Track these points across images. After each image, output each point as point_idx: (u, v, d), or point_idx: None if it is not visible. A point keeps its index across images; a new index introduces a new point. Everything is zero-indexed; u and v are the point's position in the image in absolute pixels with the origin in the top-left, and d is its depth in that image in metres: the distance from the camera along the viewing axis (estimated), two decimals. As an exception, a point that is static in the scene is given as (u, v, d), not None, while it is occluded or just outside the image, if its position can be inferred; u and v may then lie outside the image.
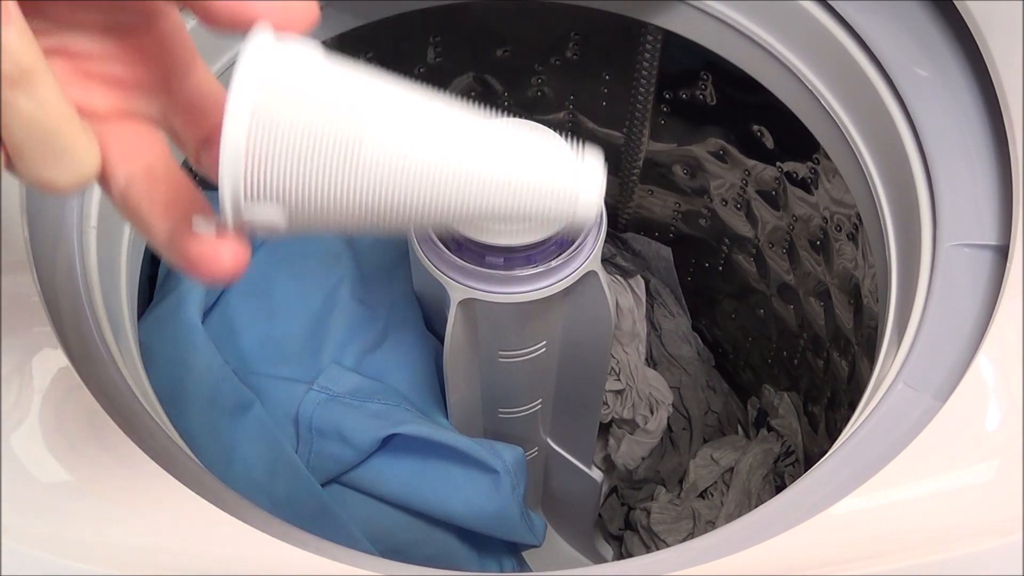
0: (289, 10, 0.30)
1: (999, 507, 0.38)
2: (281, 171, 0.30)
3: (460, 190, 0.32)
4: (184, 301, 0.62)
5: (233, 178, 0.29)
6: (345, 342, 0.68)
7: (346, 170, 0.30)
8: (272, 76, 0.29)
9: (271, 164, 0.30)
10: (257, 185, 0.30)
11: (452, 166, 0.31)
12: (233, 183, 0.29)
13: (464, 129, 0.32)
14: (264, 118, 0.29)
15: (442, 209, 0.32)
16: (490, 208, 0.32)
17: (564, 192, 0.33)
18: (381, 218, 0.32)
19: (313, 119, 0.30)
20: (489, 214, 0.32)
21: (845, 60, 0.57)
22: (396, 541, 0.65)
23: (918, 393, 0.44)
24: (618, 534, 0.98)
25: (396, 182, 0.31)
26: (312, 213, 0.31)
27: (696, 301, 1.01)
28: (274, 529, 0.39)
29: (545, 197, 0.33)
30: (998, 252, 0.47)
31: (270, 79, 0.29)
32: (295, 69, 0.30)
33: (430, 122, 0.32)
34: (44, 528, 0.37)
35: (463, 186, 0.32)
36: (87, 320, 0.48)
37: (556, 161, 0.33)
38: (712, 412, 1.01)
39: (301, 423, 0.63)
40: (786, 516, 0.40)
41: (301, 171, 0.30)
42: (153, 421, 0.45)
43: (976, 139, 0.51)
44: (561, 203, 0.33)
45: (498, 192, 0.32)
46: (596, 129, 0.85)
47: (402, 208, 0.32)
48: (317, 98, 0.30)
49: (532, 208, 0.33)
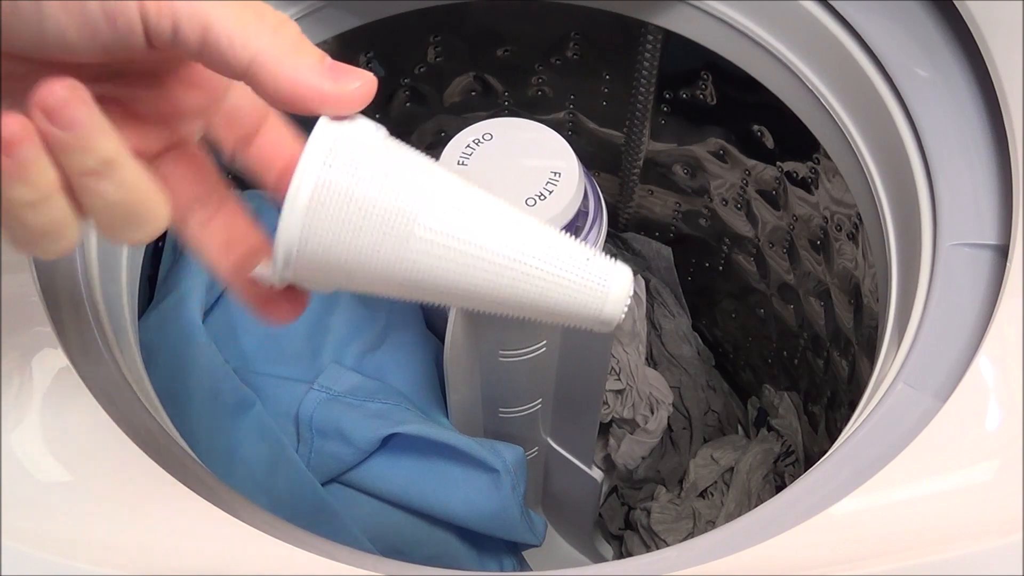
0: (344, 97, 0.31)
1: (999, 507, 0.38)
2: (334, 242, 0.32)
3: (500, 278, 0.33)
4: (184, 300, 0.62)
5: (287, 247, 0.32)
6: (345, 341, 0.68)
7: (395, 247, 0.32)
8: (338, 154, 0.31)
9: (325, 235, 0.31)
10: (310, 254, 0.32)
11: (498, 255, 0.33)
12: (286, 252, 0.32)
13: (511, 221, 0.34)
14: (325, 193, 0.31)
15: (480, 293, 0.34)
16: (524, 297, 0.34)
17: (595, 290, 0.34)
18: (422, 294, 0.34)
19: (371, 196, 0.31)
20: (522, 303, 0.34)
21: (845, 60, 0.57)
22: (396, 541, 0.65)
23: (918, 393, 0.44)
24: (618, 534, 0.98)
25: (442, 264, 0.33)
26: (357, 282, 0.33)
27: (696, 301, 1.00)
28: (274, 529, 0.39)
29: (577, 292, 0.34)
30: (998, 252, 0.47)
31: (335, 157, 0.31)
32: (359, 149, 0.32)
33: (480, 209, 0.33)
34: (44, 528, 0.37)
35: (504, 275, 0.33)
36: (87, 320, 0.48)
37: (590, 259, 0.35)
38: (712, 412, 1.01)
39: (301, 422, 0.63)
40: (786, 516, 0.40)
41: (353, 244, 0.32)
42: (153, 421, 0.45)
43: (976, 139, 0.51)
44: (591, 299, 0.34)
45: (535, 283, 0.34)
46: (596, 129, 0.85)
47: (443, 288, 0.33)
48: (377, 177, 0.32)
49: (562, 301, 0.34)
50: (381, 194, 0.32)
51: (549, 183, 0.53)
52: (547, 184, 0.53)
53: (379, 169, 0.32)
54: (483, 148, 0.55)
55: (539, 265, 0.34)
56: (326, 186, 0.31)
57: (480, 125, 0.56)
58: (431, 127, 0.81)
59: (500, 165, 0.54)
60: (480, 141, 0.55)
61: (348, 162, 0.31)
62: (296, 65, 0.30)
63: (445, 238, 0.32)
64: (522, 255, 0.33)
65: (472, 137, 0.55)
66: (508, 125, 0.56)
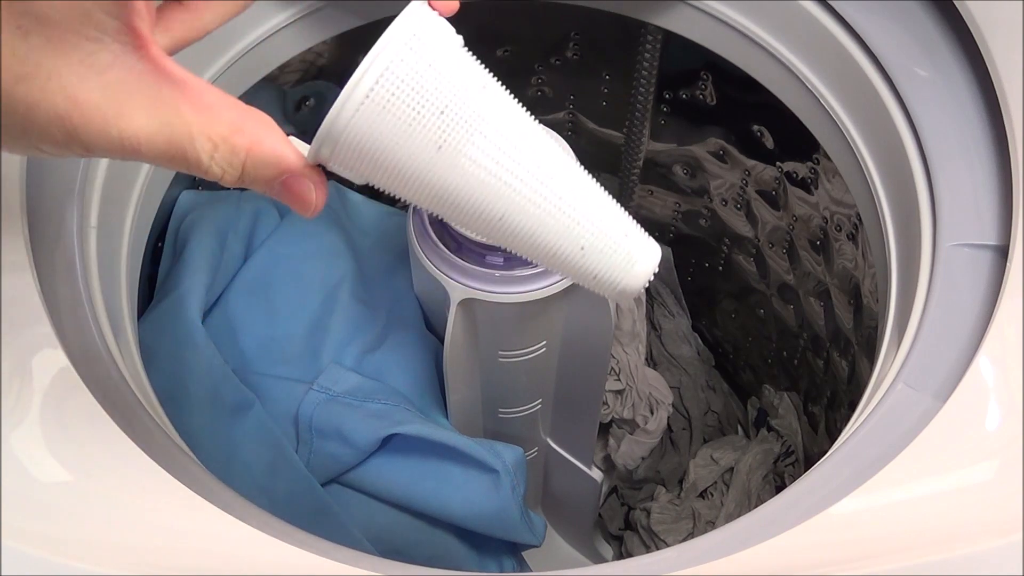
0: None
1: (999, 507, 0.38)
2: (393, 124, 0.31)
3: (539, 212, 0.33)
4: (184, 301, 0.62)
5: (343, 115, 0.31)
6: (345, 342, 0.68)
7: (451, 151, 0.32)
8: (422, 40, 0.32)
9: (388, 112, 0.31)
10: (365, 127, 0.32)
11: (545, 190, 0.33)
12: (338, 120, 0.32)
13: (565, 165, 0.34)
14: (395, 76, 0.31)
15: (513, 222, 0.34)
16: (554, 239, 0.34)
17: (625, 255, 0.34)
18: (454, 209, 0.34)
19: (442, 92, 0.32)
20: (549, 245, 0.34)
21: (845, 60, 0.57)
22: (396, 541, 0.65)
23: (918, 393, 0.44)
24: (618, 534, 0.98)
25: (488, 184, 0.33)
26: (395, 176, 0.33)
27: (696, 301, 1.00)
28: (274, 529, 0.39)
29: (606, 252, 0.34)
30: (998, 252, 0.47)
31: (419, 41, 0.32)
32: (441, 43, 0.33)
33: (540, 144, 0.33)
34: (44, 528, 0.37)
35: (543, 211, 0.33)
36: (87, 320, 0.48)
37: (628, 227, 0.35)
38: (712, 412, 1.01)
39: (301, 423, 0.63)
40: (786, 516, 0.40)
41: (410, 133, 0.32)
42: (153, 421, 0.45)
43: (976, 139, 0.51)
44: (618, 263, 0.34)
45: (570, 227, 0.34)
46: (596, 129, 0.85)
47: (479, 208, 0.33)
48: (450, 77, 0.32)
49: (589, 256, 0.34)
50: (452, 94, 0.32)
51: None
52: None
53: (454, 71, 0.32)
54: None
55: (579, 211, 0.33)
56: (401, 65, 0.31)
57: (480, 125, 0.56)
58: (431, 127, 0.81)
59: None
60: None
61: (429, 50, 0.32)
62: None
63: (500, 156, 0.32)
64: (566, 197, 0.33)
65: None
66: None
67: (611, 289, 0.35)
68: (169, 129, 0.30)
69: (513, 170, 0.33)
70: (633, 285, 0.35)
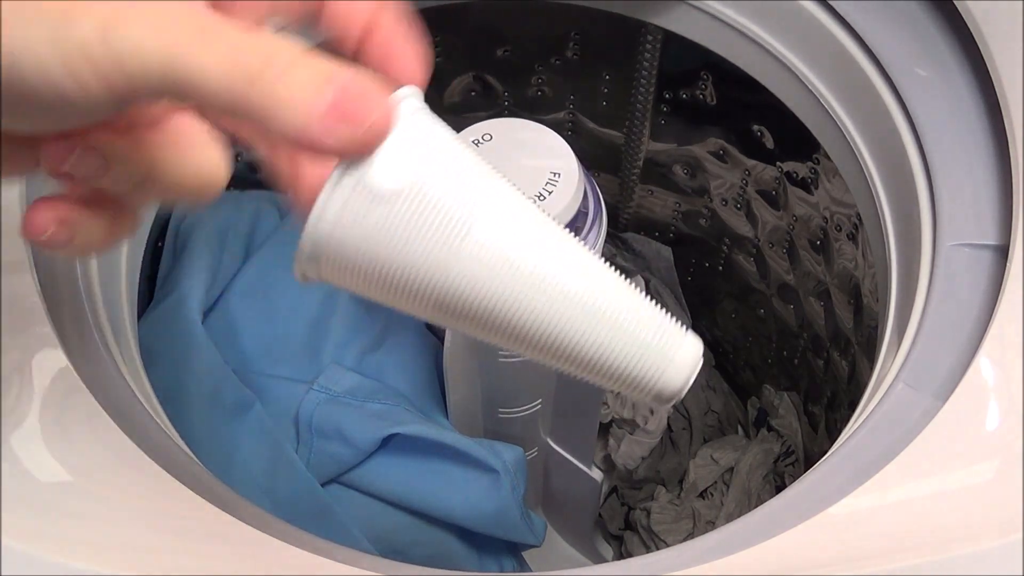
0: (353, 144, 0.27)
1: (999, 507, 0.38)
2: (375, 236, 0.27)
3: (551, 310, 0.28)
4: (184, 301, 0.62)
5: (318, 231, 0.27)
6: (345, 342, 0.68)
7: (446, 254, 0.27)
8: (403, 136, 0.27)
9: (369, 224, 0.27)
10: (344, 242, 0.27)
11: (555, 281, 0.28)
12: (315, 239, 0.27)
13: (576, 252, 0.29)
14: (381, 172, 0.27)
15: (527, 327, 0.29)
16: (575, 341, 0.29)
17: (658, 351, 0.29)
18: (457, 318, 0.29)
19: (426, 194, 0.27)
20: (571, 348, 0.29)
21: (845, 60, 0.57)
22: (396, 541, 0.65)
23: (918, 393, 0.44)
24: (618, 534, 0.98)
25: (490, 284, 0.28)
26: (386, 287, 0.29)
27: (696, 301, 1.00)
28: (274, 529, 0.39)
29: (635, 350, 0.29)
30: (998, 252, 0.47)
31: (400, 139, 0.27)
32: (426, 137, 0.28)
33: (543, 233, 0.29)
34: (44, 528, 0.37)
35: (555, 308, 0.28)
36: (87, 320, 0.48)
37: (660, 318, 0.30)
38: (712, 412, 1.01)
39: (301, 423, 0.63)
40: (786, 516, 0.40)
41: (398, 242, 0.27)
42: (153, 421, 0.45)
43: (976, 139, 0.51)
44: (651, 363, 0.29)
45: (592, 325, 0.29)
46: (596, 129, 0.85)
47: (482, 312, 0.29)
48: (437, 174, 0.27)
49: (615, 356, 0.29)
50: (444, 187, 0.27)
51: (549, 183, 0.53)
52: (547, 184, 0.53)
53: (448, 160, 0.28)
54: (483, 148, 0.55)
55: (598, 305, 0.29)
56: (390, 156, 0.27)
57: (480, 125, 0.56)
58: (431, 127, 0.81)
59: (500, 165, 0.54)
60: (480, 141, 0.55)
61: (419, 141, 0.27)
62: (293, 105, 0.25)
63: (501, 248, 0.28)
64: (580, 289, 0.29)
65: (472, 137, 0.55)
66: (508, 125, 0.56)
67: (645, 390, 0.30)
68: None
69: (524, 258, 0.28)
70: (670, 387, 0.30)
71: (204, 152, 0.29)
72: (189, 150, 0.29)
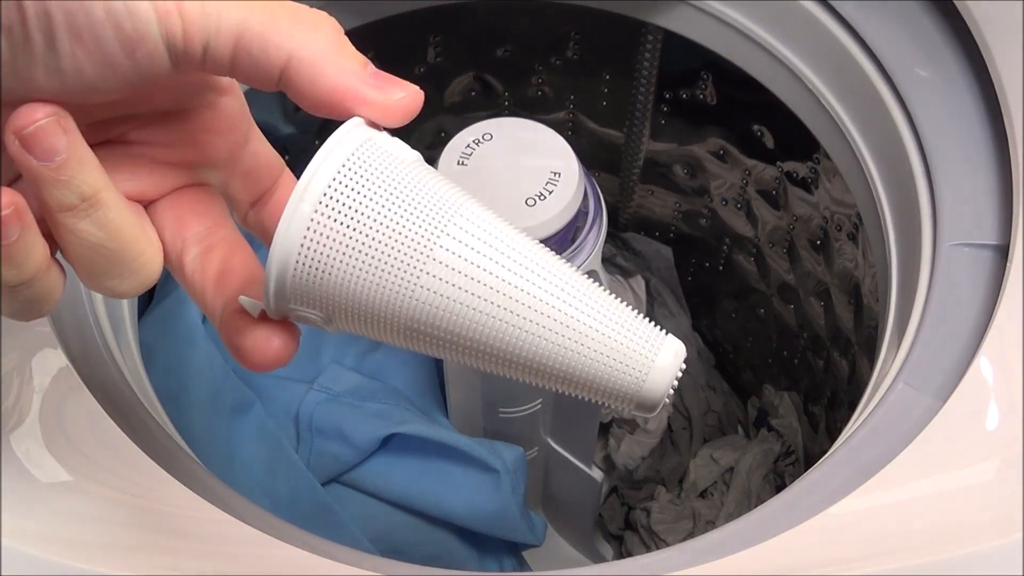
0: (389, 107, 0.29)
1: (999, 507, 0.38)
2: (334, 273, 0.27)
3: (524, 324, 0.28)
4: (184, 301, 0.62)
5: (281, 269, 0.27)
6: (345, 342, 0.68)
7: (409, 276, 0.27)
8: (352, 168, 0.27)
9: (326, 262, 0.27)
10: (306, 280, 0.28)
11: (524, 296, 0.28)
12: (281, 270, 0.27)
13: (545, 262, 0.29)
14: (332, 211, 0.27)
15: (495, 340, 0.28)
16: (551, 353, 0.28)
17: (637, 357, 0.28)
18: (428, 340, 0.29)
19: (382, 224, 0.27)
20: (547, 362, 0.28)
21: (845, 60, 0.57)
22: (396, 541, 0.65)
23: (918, 393, 0.44)
24: (618, 534, 0.98)
25: (458, 302, 0.28)
26: (358, 320, 0.29)
27: (696, 301, 1.00)
28: (274, 529, 0.39)
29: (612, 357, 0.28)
30: (998, 252, 0.47)
31: (348, 172, 0.27)
32: (385, 160, 0.28)
33: (509, 246, 0.28)
34: (44, 528, 0.37)
35: (527, 322, 0.28)
36: (87, 320, 0.48)
37: (634, 321, 0.29)
38: (712, 412, 1.01)
39: (301, 423, 0.63)
40: (786, 516, 0.40)
41: (357, 274, 0.27)
42: (153, 421, 0.45)
43: (976, 139, 0.51)
44: (629, 369, 0.28)
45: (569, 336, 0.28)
46: (596, 129, 0.85)
47: (454, 332, 0.28)
48: (392, 202, 0.27)
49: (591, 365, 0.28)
50: (401, 215, 0.27)
51: (549, 183, 0.53)
52: (547, 184, 0.53)
53: (402, 186, 0.28)
54: (483, 148, 0.55)
55: (570, 313, 0.28)
56: (339, 196, 0.27)
57: (480, 125, 0.56)
58: (431, 127, 0.81)
59: (500, 165, 0.54)
60: (480, 141, 0.55)
61: (369, 172, 0.27)
62: (337, 67, 0.28)
63: (464, 270, 0.27)
64: (551, 300, 0.28)
65: (472, 137, 0.55)
66: (508, 125, 0.56)
67: (625, 398, 0.29)
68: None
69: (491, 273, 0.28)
70: (651, 397, 0.29)
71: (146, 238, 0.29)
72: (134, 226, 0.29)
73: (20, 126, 0.25)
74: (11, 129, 0.25)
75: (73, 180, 0.26)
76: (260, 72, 0.27)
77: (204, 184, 0.32)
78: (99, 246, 0.27)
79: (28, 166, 0.26)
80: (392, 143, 0.29)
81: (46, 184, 0.26)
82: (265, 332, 0.30)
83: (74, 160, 0.26)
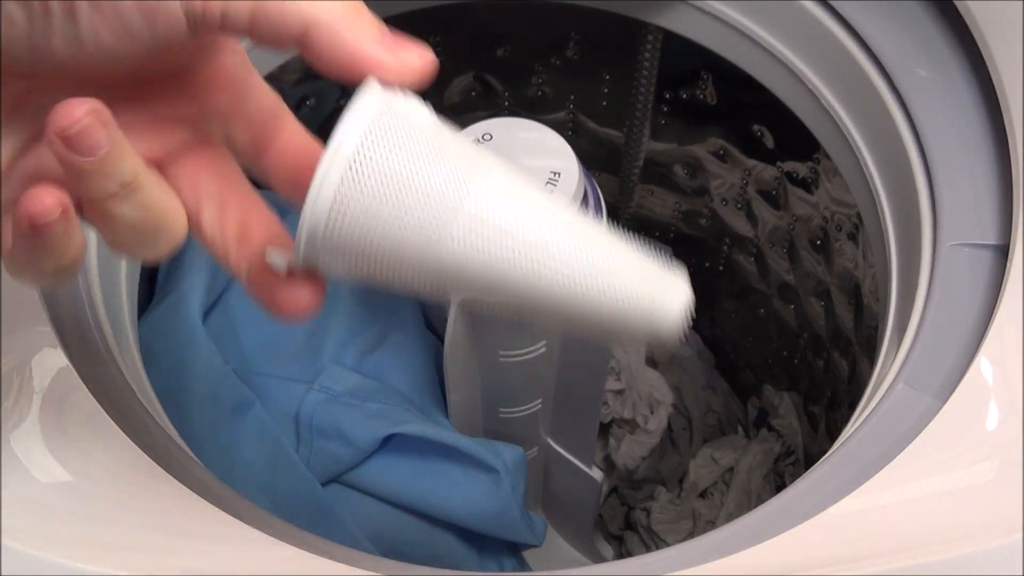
0: (405, 71, 0.29)
1: (999, 507, 0.38)
2: (365, 228, 0.29)
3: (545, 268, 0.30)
4: (184, 301, 0.62)
5: (315, 220, 0.28)
6: (345, 342, 0.68)
7: (438, 230, 0.29)
8: (385, 122, 0.29)
9: (357, 218, 0.28)
10: (338, 235, 0.29)
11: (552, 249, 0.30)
12: (313, 226, 0.28)
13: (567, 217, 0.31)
14: (362, 170, 0.28)
15: (521, 284, 0.30)
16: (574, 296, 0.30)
17: (653, 297, 0.31)
18: (455, 286, 0.30)
19: (411, 180, 0.28)
20: (570, 305, 0.30)
21: (845, 60, 0.57)
22: (396, 541, 0.65)
23: (918, 393, 0.44)
24: (618, 534, 0.98)
25: (485, 259, 0.29)
26: (386, 268, 0.30)
27: (696, 301, 1.00)
28: (274, 529, 0.39)
29: (634, 297, 0.30)
30: (998, 252, 0.47)
31: (376, 132, 0.28)
32: (408, 120, 0.29)
33: (532, 202, 0.30)
34: (44, 528, 0.37)
35: (550, 265, 0.30)
36: (87, 320, 0.48)
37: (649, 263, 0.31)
38: (712, 412, 1.01)
39: (301, 423, 0.63)
40: (786, 516, 0.40)
41: (387, 231, 0.29)
42: (153, 421, 0.45)
43: (976, 139, 0.51)
44: (649, 299, 0.31)
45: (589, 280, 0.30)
46: (596, 129, 0.85)
47: (481, 279, 0.30)
48: (419, 158, 0.29)
49: (619, 305, 0.30)
50: (428, 170, 0.29)
51: (549, 183, 0.53)
52: (547, 184, 0.53)
53: (428, 144, 0.29)
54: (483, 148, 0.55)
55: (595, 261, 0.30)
56: (369, 154, 0.28)
57: (480, 125, 0.56)
58: (431, 127, 0.81)
59: (500, 165, 0.54)
60: (480, 141, 0.55)
61: (396, 131, 0.29)
62: (355, 31, 0.28)
63: (493, 222, 0.29)
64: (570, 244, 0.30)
65: (472, 137, 0.55)
66: (508, 125, 0.56)
67: (644, 330, 0.31)
68: None
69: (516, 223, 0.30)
70: (668, 320, 0.31)
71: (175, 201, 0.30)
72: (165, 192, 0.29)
73: (63, 127, 0.25)
74: (54, 131, 0.25)
75: (115, 171, 0.27)
76: (278, 36, 0.28)
77: (210, 141, 0.32)
78: (138, 223, 0.28)
79: (71, 162, 0.26)
80: (412, 104, 0.30)
81: (88, 176, 0.27)
82: (297, 286, 0.31)
83: (115, 152, 0.27)
